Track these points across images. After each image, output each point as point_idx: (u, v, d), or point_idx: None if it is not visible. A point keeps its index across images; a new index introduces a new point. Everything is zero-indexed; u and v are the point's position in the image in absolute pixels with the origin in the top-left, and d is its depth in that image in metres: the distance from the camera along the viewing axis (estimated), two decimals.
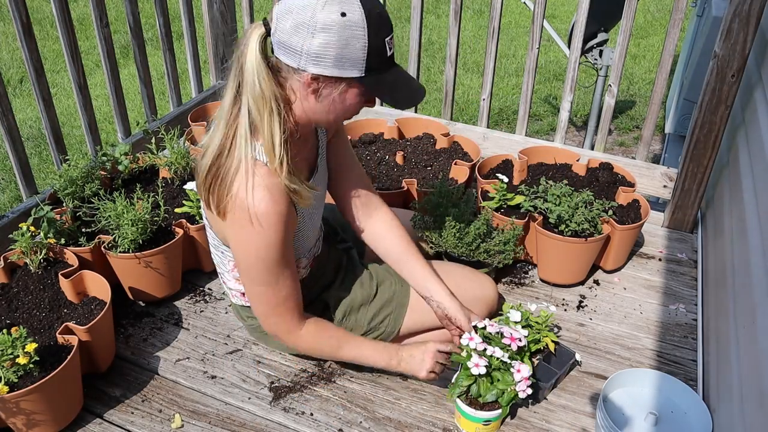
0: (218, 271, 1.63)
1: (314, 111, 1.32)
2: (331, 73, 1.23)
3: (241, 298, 1.61)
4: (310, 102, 1.30)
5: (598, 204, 1.97)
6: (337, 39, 1.19)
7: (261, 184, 1.28)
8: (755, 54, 2.06)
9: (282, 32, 1.21)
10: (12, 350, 1.41)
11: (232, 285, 1.59)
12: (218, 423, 1.59)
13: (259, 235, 1.31)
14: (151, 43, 4.98)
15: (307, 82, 1.25)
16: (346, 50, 1.21)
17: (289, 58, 1.23)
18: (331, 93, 1.28)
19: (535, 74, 2.44)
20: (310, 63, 1.22)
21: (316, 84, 1.26)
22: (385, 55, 1.26)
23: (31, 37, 2.04)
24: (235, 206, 1.29)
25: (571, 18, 4.95)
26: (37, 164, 3.67)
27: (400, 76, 1.31)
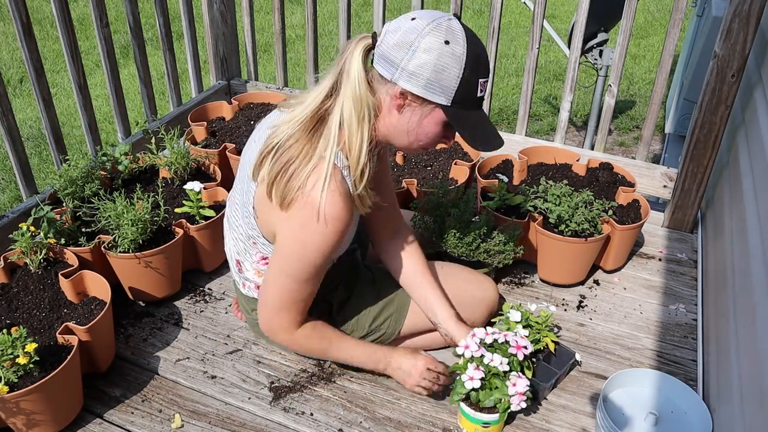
0: (236, 259, 1.61)
1: (394, 127, 1.36)
2: (420, 93, 1.28)
3: (254, 290, 1.61)
4: (393, 117, 1.34)
5: (598, 204, 1.97)
6: (435, 63, 1.25)
7: (337, 190, 1.31)
8: (755, 54, 2.06)
9: (386, 45, 1.28)
10: (12, 350, 1.41)
11: (250, 276, 1.59)
12: (218, 423, 1.59)
13: (320, 236, 1.34)
14: (151, 43, 4.98)
15: (396, 95, 1.31)
16: (440, 76, 1.26)
17: (386, 70, 1.29)
18: (414, 113, 1.33)
19: (535, 74, 2.44)
20: (403, 78, 1.28)
21: (403, 100, 1.31)
22: (474, 94, 1.30)
23: (31, 37, 2.04)
24: (305, 202, 1.31)
25: (571, 18, 4.95)
26: (37, 164, 3.67)
27: (483, 119, 1.35)
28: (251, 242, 1.52)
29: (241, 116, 2.60)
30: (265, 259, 1.53)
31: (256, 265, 1.56)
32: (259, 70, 4.29)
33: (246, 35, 2.88)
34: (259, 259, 1.55)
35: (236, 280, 1.68)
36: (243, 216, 1.52)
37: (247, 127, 2.52)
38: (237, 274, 1.66)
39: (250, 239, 1.52)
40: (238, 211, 1.54)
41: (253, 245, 1.52)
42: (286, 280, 1.43)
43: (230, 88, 3.02)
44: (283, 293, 1.46)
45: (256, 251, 1.53)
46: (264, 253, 1.53)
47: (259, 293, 1.52)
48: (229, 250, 1.66)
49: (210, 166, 2.21)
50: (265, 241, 1.49)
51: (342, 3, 2.61)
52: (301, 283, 1.44)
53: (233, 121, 2.58)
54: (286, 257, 1.41)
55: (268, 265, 1.48)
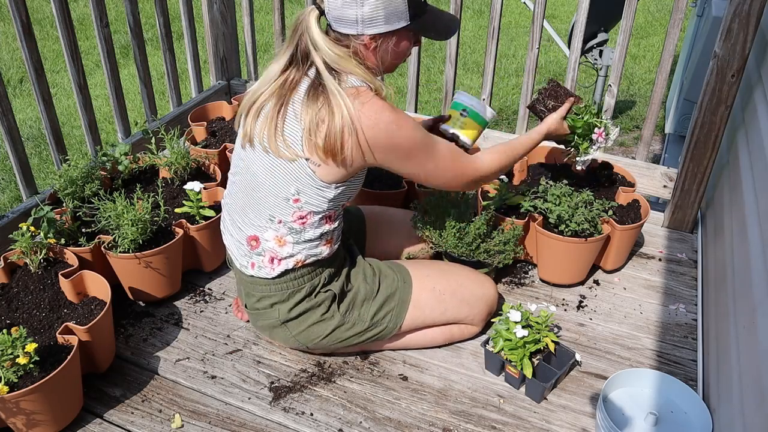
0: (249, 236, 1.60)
1: (376, 65, 1.53)
2: (385, 30, 1.46)
3: (267, 265, 1.60)
4: (371, 58, 1.51)
5: (598, 204, 1.97)
6: (382, 1, 1.42)
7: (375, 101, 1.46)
8: (755, 54, 2.06)
9: (334, 9, 1.44)
10: (12, 350, 1.41)
11: (270, 246, 1.58)
12: (218, 423, 1.59)
13: (401, 114, 1.50)
14: (151, 43, 4.98)
15: (368, 43, 1.48)
16: (392, 6, 1.44)
17: (348, 28, 1.46)
18: (388, 46, 1.51)
19: (535, 74, 2.44)
20: (366, 27, 1.45)
21: (375, 42, 1.48)
22: (420, 1, 1.50)
23: (31, 37, 2.05)
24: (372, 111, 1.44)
25: (571, 18, 4.95)
26: (37, 164, 3.67)
27: (436, 14, 1.55)
28: (291, 201, 1.53)
29: None
30: (302, 219, 1.55)
31: (284, 229, 1.56)
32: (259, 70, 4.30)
33: (246, 35, 2.88)
34: (295, 219, 1.55)
35: (242, 265, 1.65)
36: (275, 181, 1.52)
37: None
38: (246, 255, 1.63)
39: (289, 199, 1.52)
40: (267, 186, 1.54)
41: (294, 203, 1.53)
42: (431, 160, 1.56)
43: (230, 88, 3.02)
44: (445, 160, 1.58)
45: (293, 211, 1.54)
46: (306, 210, 1.54)
47: (443, 185, 1.64)
48: (236, 239, 1.65)
49: (210, 166, 2.21)
50: (319, 187, 1.51)
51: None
52: (436, 146, 1.57)
53: (233, 121, 2.58)
54: (413, 146, 1.52)
55: (416, 168, 1.56)
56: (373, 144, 1.47)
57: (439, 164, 1.58)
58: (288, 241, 1.57)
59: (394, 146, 1.49)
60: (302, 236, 1.58)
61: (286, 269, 1.60)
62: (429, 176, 1.60)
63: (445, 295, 1.73)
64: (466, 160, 1.64)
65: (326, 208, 1.56)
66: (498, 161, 1.71)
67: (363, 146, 1.46)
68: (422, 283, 1.72)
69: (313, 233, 1.58)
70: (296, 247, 1.58)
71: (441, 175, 1.60)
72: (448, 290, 1.73)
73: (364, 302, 1.67)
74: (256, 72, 2.98)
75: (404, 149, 1.51)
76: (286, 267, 1.60)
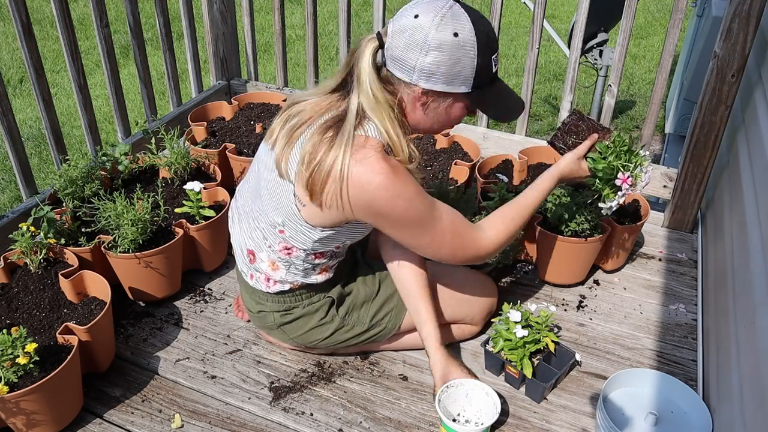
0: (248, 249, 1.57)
1: (421, 121, 1.41)
2: (441, 89, 1.33)
3: (263, 282, 1.59)
4: (418, 114, 1.40)
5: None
6: (449, 58, 1.29)
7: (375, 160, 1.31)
8: (755, 54, 2.06)
9: (396, 48, 1.30)
10: (12, 350, 1.41)
11: (263, 267, 1.55)
12: (218, 423, 1.59)
13: (402, 181, 1.34)
14: (151, 43, 4.98)
15: (418, 96, 1.35)
16: (457, 68, 1.30)
17: (403, 73, 1.32)
18: (439, 106, 1.38)
19: (535, 74, 2.44)
20: (422, 79, 1.31)
21: (426, 98, 1.35)
22: (491, 72, 1.36)
23: (31, 37, 2.04)
24: (365, 172, 1.31)
25: (571, 18, 4.95)
26: (37, 164, 3.67)
27: (503, 91, 1.42)
28: (277, 230, 1.47)
29: (241, 116, 2.60)
30: (288, 250, 1.49)
31: (274, 256, 1.53)
32: (259, 70, 4.29)
33: (246, 35, 2.88)
34: (281, 249, 1.50)
35: (243, 271, 1.65)
36: (271, 202, 1.46)
37: (247, 127, 2.52)
38: (246, 265, 1.62)
39: (275, 228, 1.47)
40: (265, 201, 1.49)
41: (280, 234, 1.47)
42: (430, 223, 1.41)
43: (230, 88, 3.02)
44: (443, 243, 1.44)
45: (279, 240, 1.48)
46: (290, 243, 1.48)
47: (432, 253, 1.48)
48: (238, 241, 1.63)
49: (210, 166, 2.21)
50: (303, 226, 1.43)
51: (342, 3, 2.61)
52: (436, 219, 1.42)
53: (233, 121, 2.58)
54: (407, 218, 1.38)
55: (407, 238, 1.44)
56: (354, 204, 1.35)
57: (435, 239, 1.43)
58: (280, 267, 1.55)
59: (379, 213, 1.37)
60: (293, 266, 1.53)
61: (282, 290, 1.60)
62: (422, 248, 1.47)
63: (445, 295, 1.73)
64: (469, 237, 1.47)
65: (311, 248, 1.48)
66: (504, 233, 1.52)
67: (343, 200, 1.34)
68: None
69: (303, 265, 1.53)
70: (289, 275, 1.56)
71: (435, 251, 1.46)
72: (448, 290, 1.73)
73: (364, 304, 1.67)
74: (256, 72, 2.98)
75: (393, 219, 1.38)
76: (281, 288, 1.59)
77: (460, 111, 1.40)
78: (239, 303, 1.93)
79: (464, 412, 1.59)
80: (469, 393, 1.58)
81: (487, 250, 1.50)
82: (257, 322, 1.72)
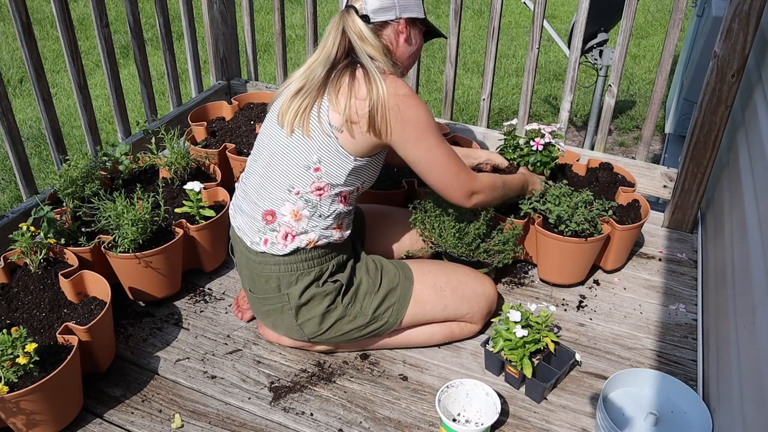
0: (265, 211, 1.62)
1: (406, 54, 1.66)
2: (415, 15, 1.62)
3: (281, 242, 1.61)
4: (403, 47, 1.65)
5: (598, 204, 1.97)
6: None
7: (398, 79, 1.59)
8: (755, 54, 2.06)
9: (372, 3, 1.57)
10: (12, 350, 1.41)
11: (286, 220, 1.61)
12: (218, 423, 1.59)
13: (422, 105, 1.59)
14: (151, 43, 4.98)
15: (402, 29, 1.62)
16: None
17: (387, 15, 1.59)
18: (414, 34, 1.66)
19: (535, 74, 2.44)
20: (402, 11, 1.60)
21: (406, 30, 1.62)
22: None
23: (31, 37, 2.05)
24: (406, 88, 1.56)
25: (571, 18, 4.95)
26: (37, 164, 3.68)
27: None
28: (312, 169, 1.57)
29: (241, 116, 2.60)
30: (320, 190, 1.59)
31: (301, 202, 1.59)
32: (259, 70, 4.30)
33: (246, 35, 2.88)
34: (312, 190, 1.59)
35: (253, 242, 1.64)
36: (299, 149, 1.57)
37: (247, 127, 2.51)
38: (261, 231, 1.63)
39: (310, 168, 1.57)
40: (283, 155, 1.59)
41: (315, 172, 1.57)
42: (439, 149, 1.62)
43: (230, 88, 3.02)
44: (451, 161, 1.65)
45: (312, 181, 1.58)
46: (324, 181, 1.58)
47: (437, 182, 1.67)
48: (248, 214, 1.65)
49: (210, 166, 2.22)
50: (341, 156, 1.57)
51: (342, 3, 2.61)
52: (447, 146, 1.64)
53: (233, 121, 2.58)
54: (424, 135, 1.59)
55: (421, 159, 1.62)
56: (402, 117, 1.54)
57: (445, 153, 1.63)
58: (304, 216, 1.60)
59: (411, 122, 1.56)
60: (317, 210, 1.60)
61: (299, 247, 1.61)
62: (431, 165, 1.63)
63: (446, 292, 1.73)
64: (465, 169, 1.69)
65: (343, 182, 1.60)
66: (489, 194, 1.75)
67: (391, 119, 1.54)
68: (423, 279, 1.73)
69: (328, 209, 1.61)
70: (311, 223, 1.60)
71: (444, 169, 1.64)
72: (448, 287, 1.74)
73: (366, 295, 1.68)
74: (256, 72, 2.98)
75: (420, 127, 1.58)
76: (298, 244, 1.60)
77: (421, 37, 1.69)
78: (239, 303, 1.93)
79: (464, 412, 1.59)
80: (469, 393, 1.59)
81: (479, 186, 1.71)
82: (265, 305, 1.69)
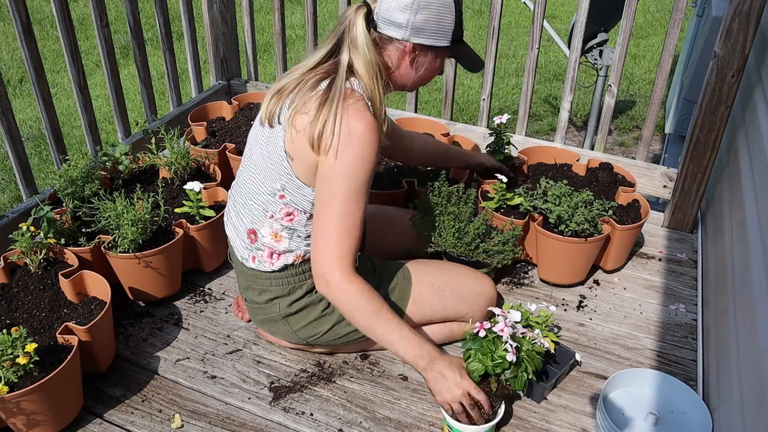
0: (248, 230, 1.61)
1: (407, 75, 1.57)
2: (429, 43, 1.51)
3: (267, 260, 1.60)
4: (404, 68, 1.55)
5: (598, 204, 1.97)
6: (435, 15, 1.48)
7: (363, 108, 1.45)
8: (755, 54, 2.06)
9: (387, 11, 1.47)
10: (12, 350, 1.41)
11: (267, 241, 1.58)
12: (218, 423, 1.59)
13: (362, 148, 1.43)
14: (151, 43, 4.98)
15: (408, 51, 1.52)
16: (441, 24, 1.50)
17: (395, 31, 1.49)
18: (424, 60, 1.55)
19: (535, 74, 2.44)
20: (413, 35, 1.49)
21: (414, 53, 1.52)
22: (461, 29, 1.57)
23: (31, 37, 2.05)
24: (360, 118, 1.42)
25: (571, 18, 4.95)
26: (37, 164, 3.68)
27: (467, 47, 1.62)
28: (278, 196, 1.53)
29: (241, 116, 2.60)
30: (290, 216, 1.55)
31: (277, 225, 1.56)
32: (259, 70, 4.29)
33: (246, 35, 2.89)
34: (283, 216, 1.55)
35: (244, 259, 1.65)
36: (267, 172, 1.54)
37: (247, 127, 2.52)
38: (247, 248, 1.63)
39: (276, 194, 1.53)
40: (258, 172, 1.57)
41: (281, 199, 1.53)
42: (336, 205, 1.44)
43: (230, 88, 3.02)
44: (336, 221, 1.44)
45: (281, 207, 1.54)
46: (292, 207, 1.54)
47: (312, 239, 1.49)
48: (237, 229, 1.66)
49: (210, 166, 2.22)
50: (298, 185, 1.51)
51: (342, 3, 2.61)
52: (353, 210, 1.45)
53: (233, 121, 2.58)
54: (334, 179, 1.44)
55: (316, 205, 1.48)
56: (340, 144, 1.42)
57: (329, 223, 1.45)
58: (284, 237, 1.58)
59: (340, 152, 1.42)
60: (296, 233, 1.58)
61: (286, 264, 1.60)
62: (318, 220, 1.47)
63: (445, 292, 1.73)
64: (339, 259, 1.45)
65: (310, 207, 1.54)
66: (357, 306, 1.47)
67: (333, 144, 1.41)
68: (422, 280, 1.73)
69: (306, 231, 1.58)
70: (292, 243, 1.59)
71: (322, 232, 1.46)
72: (447, 287, 1.74)
73: None
74: (256, 72, 2.98)
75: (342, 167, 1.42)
76: (285, 262, 1.60)
77: (439, 65, 1.59)
78: (239, 303, 1.93)
79: None
80: None
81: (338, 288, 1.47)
82: (259, 314, 1.71)
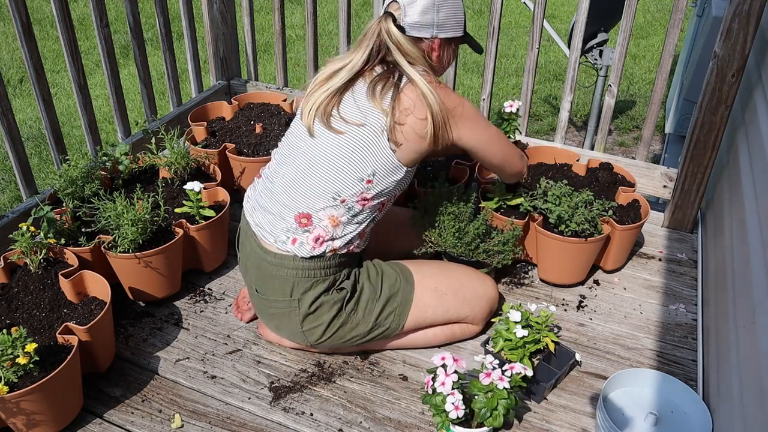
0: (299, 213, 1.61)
1: (437, 67, 1.71)
2: (452, 35, 1.68)
3: (311, 244, 1.61)
4: (435, 61, 1.69)
5: (598, 204, 1.97)
6: (453, 10, 1.66)
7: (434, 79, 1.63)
8: (755, 54, 2.06)
9: (413, 15, 1.61)
10: (12, 350, 1.41)
11: (323, 224, 1.61)
12: (218, 423, 1.59)
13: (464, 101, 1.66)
14: (151, 43, 4.98)
15: (436, 47, 1.66)
16: (457, 17, 1.67)
17: (424, 32, 1.63)
18: (447, 51, 1.71)
19: (535, 74, 2.44)
20: (439, 31, 1.65)
21: (441, 48, 1.67)
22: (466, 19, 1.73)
23: (31, 37, 2.05)
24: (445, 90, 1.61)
25: (571, 18, 4.95)
26: (37, 164, 3.68)
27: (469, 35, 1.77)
28: (365, 181, 1.59)
29: (241, 116, 2.60)
30: (365, 201, 1.62)
31: (342, 209, 1.60)
32: (259, 70, 4.29)
33: (246, 35, 2.88)
34: (358, 199, 1.61)
35: (278, 239, 1.63)
36: (352, 161, 1.58)
37: (247, 127, 2.51)
38: (289, 231, 1.62)
39: (363, 180, 1.59)
40: (336, 160, 1.59)
41: (367, 184, 1.59)
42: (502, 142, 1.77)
43: (230, 88, 3.02)
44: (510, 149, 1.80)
45: (361, 191, 1.59)
46: (371, 192, 1.61)
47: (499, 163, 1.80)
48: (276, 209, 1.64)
49: (210, 166, 2.21)
50: (393, 168, 1.61)
51: (342, 3, 2.61)
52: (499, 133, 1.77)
53: (233, 121, 2.58)
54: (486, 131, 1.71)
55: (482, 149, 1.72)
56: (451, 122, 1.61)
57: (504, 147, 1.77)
58: (341, 222, 1.61)
59: (465, 116, 1.64)
60: (356, 218, 1.63)
61: (325, 251, 1.61)
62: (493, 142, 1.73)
63: (447, 295, 1.73)
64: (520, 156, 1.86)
65: (389, 191, 1.65)
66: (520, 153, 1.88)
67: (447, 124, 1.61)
68: (424, 283, 1.73)
69: (364, 217, 1.65)
70: (346, 229, 1.63)
71: (507, 152, 1.79)
72: (449, 290, 1.74)
73: (368, 302, 1.67)
74: (256, 72, 2.98)
75: (473, 118, 1.67)
76: (325, 249, 1.61)
77: (454, 52, 1.75)
78: (239, 303, 1.93)
79: None
80: None
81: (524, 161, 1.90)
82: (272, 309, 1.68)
